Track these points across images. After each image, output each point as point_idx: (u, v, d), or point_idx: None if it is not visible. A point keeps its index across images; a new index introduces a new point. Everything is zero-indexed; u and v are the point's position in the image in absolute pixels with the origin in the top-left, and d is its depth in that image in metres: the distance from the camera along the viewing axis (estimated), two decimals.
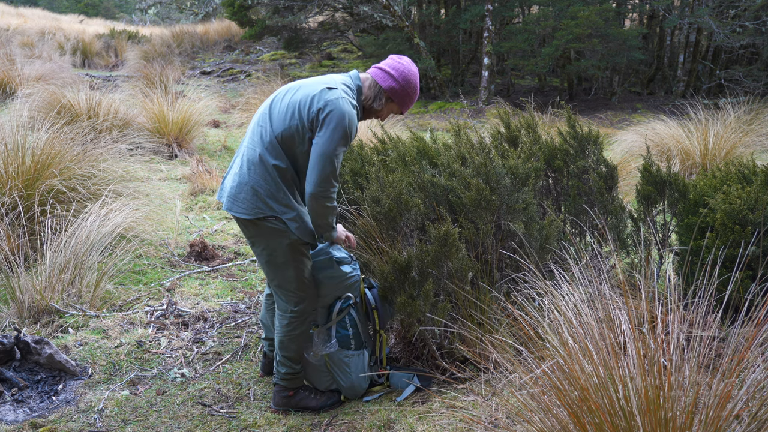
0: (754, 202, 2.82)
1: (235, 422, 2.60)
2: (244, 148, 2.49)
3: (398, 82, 2.53)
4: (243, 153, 2.48)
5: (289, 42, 14.34)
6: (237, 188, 2.43)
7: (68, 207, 4.04)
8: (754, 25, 10.03)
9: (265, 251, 2.51)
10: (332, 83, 2.42)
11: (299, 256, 2.52)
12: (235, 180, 2.45)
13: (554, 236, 2.92)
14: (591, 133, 3.55)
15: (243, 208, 2.41)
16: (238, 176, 2.44)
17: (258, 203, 2.39)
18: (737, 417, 1.69)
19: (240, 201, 2.41)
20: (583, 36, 9.95)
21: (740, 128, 6.83)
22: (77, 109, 6.69)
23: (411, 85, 2.55)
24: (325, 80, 2.45)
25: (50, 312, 3.32)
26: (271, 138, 2.39)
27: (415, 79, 2.57)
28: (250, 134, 2.50)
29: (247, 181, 2.41)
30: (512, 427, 2.18)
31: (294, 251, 2.49)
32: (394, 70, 2.53)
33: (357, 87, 2.52)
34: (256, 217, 2.41)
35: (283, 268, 2.52)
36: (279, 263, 2.51)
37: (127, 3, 38.17)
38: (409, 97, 2.58)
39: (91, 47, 16.47)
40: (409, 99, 2.59)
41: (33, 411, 2.62)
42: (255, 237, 2.50)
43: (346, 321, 2.72)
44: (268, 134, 2.40)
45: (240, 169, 2.45)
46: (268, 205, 2.39)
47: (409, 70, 2.55)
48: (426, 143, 3.57)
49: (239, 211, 2.42)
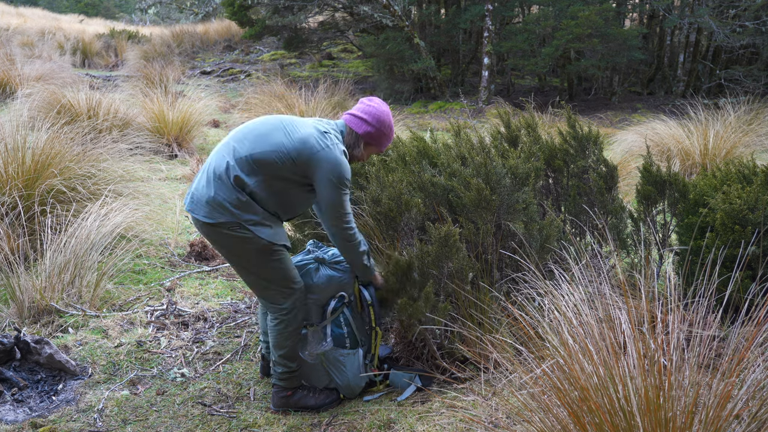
0: (754, 202, 2.82)
1: (235, 422, 2.60)
2: (215, 154, 2.50)
3: (372, 126, 2.62)
4: (212, 159, 2.50)
5: (289, 42, 14.34)
6: (201, 191, 2.45)
7: (68, 207, 4.04)
8: (754, 25, 10.03)
9: (232, 257, 2.52)
10: (324, 127, 2.54)
11: (273, 256, 2.50)
12: (201, 183, 2.47)
13: (554, 236, 2.92)
14: (591, 133, 3.55)
15: (204, 212, 2.42)
16: (204, 180, 2.46)
17: (218, 209, 2.40)
18: (737, 417, 1.69)
19: (202, 204, 2.43)
20: (583, 36, 9.95)
21: (740, 128, 6.83)
22: (77, 109, 6.69)
23: (385, 125, 2.66)
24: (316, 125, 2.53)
25: (50, 312, 3.32)
26: (247, 154, 2.42)
27: (387, 119, 2.66)
28: (224, 143, 2.52)
29: (211, 187, 2.42)
30: (512, 426, 2.18)
31: (266, 254, 2.48)
32: (366, 115, 2.62)
33: (341, 133, 2.62)
34: (215, 221, 2.41)
35: (257, 271, 2.53)
36: (250, 267, 2.52)
37: (127, 3, 38.17)
38: (385, 137, 2.69)
39: (91, 47, 16.47)
40: (386, 138, 2.70)
41: (33, 411, 2.62)
42: (216, 242, 2.51)
43: (340, 320, 2.73)
44: (244, 151, 2.43)
45: (207, 174, 2.47)
46: (229, 212, 2.40)
47: (380, 110, 2.64)
48: (426, 143, 3.57)
49: (200, 215, 2.43)
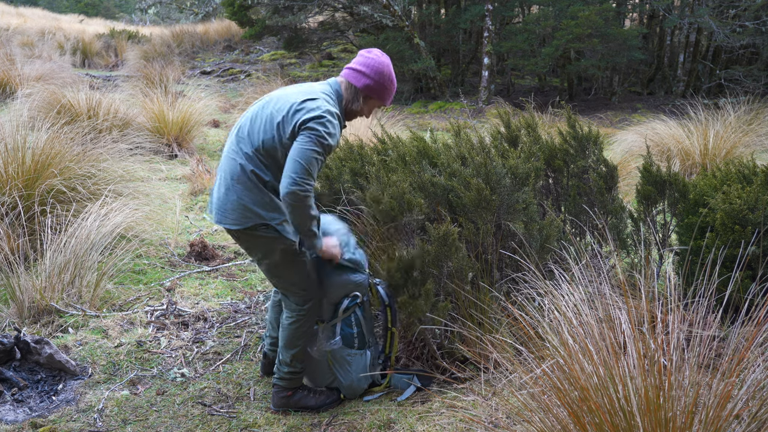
0: (754, 202, 2.82)
1: (235, 422, 2.60)
2: (225, 160, 2.49)
3: (371, 78, 2.50)
4: (224, 166, 2.48)
5: (289, 42, 14.33)
6: (223, 199, 2.43)
7: (68, 207, 4.04)
8: (754, 25, 10.03)
9: (263, 259, 2.52)
10: (313, 93, 2.42)
11: (297, 257, 2.53)
12: (221, 192, 2.45)
13: (554, 236, 2.92)
14: (591, 132, 3.55)
15: (232, 219, 2.41)
16: (224, 188, 2.44)
17: (246, 212, 2.39)
18: (737, 417, 1.69)
19: (228, 212, 2.41)
20: (583, 36, 9.94)
21: (740, 128, 6.83)
22: (77, 109, 6.69)
23: (385, 76, 2.51)
24: (305, 90, 2.45)
25: (50, 312, 3.32)
26: (252, 148, 2.40)
27: (387, 69, 2.52)
28: (229, 145, 2.50)
29: (232, 193, 2.41)
30: (512, 426, 2.18)
31: (290, 254, 2.49)
32: (364, 67, 2.50)
33: (336, 93, 2.51)
34: (245, 226, 2.41)
35: (285, 273, 2.53)
36: (279, 269, 2.52)
37: (127, 3, 38.16)
38: (386, 89, 2.54)
39: (91, 47, 16.47)
40: (387, 91, 2.55)
41: (33, 411, 2.62)
42: (249, 247, 2.52)
43: (351, 320, 2.72)
44: (248, 145, 2.41)
45: (224, 181, 2.45)
46: (256, 213, 2.39)
47: (379, 62, 2.51)
48: (426, 143, 3.57)
49: (229, 223, 2.42)
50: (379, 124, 4.80)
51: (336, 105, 2.47)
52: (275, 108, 2.41)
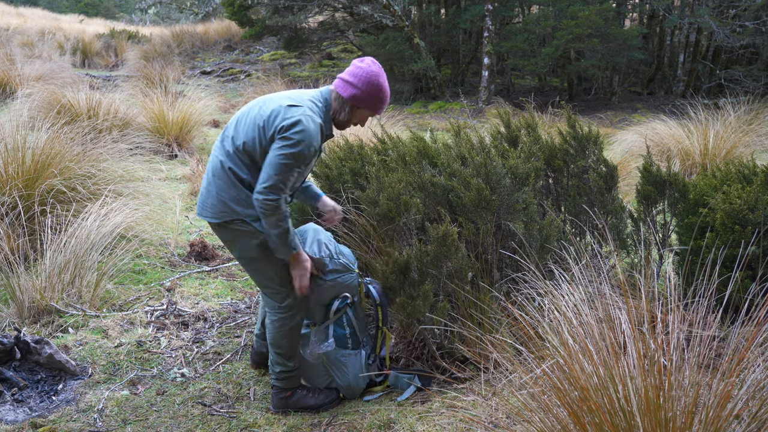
0: (754, 202, 2.82)
1: (235, 422, 2.60)
2: (211, 156, 2.59)
3: (358, 88, 2.46)
4: (209, 162, 2.59)
5: (289, 42, 14.34)
6: (205, 194, 2.54)
7: (68, 207, 4.04)
8: (754, 25, 10.03)
9: (241, 254, 2.57)
10: (298, 100, 2.43)
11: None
12: (203, 187, 2.57)
13: (554, 236, 2.92)
14: (591, 132, 3.55)
15: (211, 212, 2.51)
16: (206, 183, 2.56)
17: (223, 207, 2.48)
18: (737, 417, 1.69)
19: (208, 206, 2.52)
20: (583, 36, 9.95)
21: (740, 128, 6.83)
22: (77, 109, 6.69)
23: (374, 86, 2.47)
24: (292, 96, 2.47)
25: (50, 312, 3.32)
26: (234, 147, 2.47)
27: (376, 80, 2.47)
28: (216, 143, 2.59)
29: (212, 187, 2.51)
30: (512, 427, 2.18)
31: (267, 249, 2.52)
32: (353, 77, 2.48)
33: (325, 102, 2.51)
34: (223, 220, 2.49)
35: (261, 267, 2.57)
36: (255, 263, 2.57)
37: (127, 3, 38.16)
38: (376, 99, 2.50)
39: (91, 47, 16.47)
40: (378, 100, 2.51)
41: (33, 411, 2.62)
42: (227, 240, 2.58)
43: (343, 320, 2.73)
44: (231, 144, 2.48)
45: (207, 176, 2.56)
46: (231, 209, 2.47)
47: (368, 71, 2.47)
48: (426, 143, 3.57)
49: (208, 216, 2.52)
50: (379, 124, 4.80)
51: (321, 114, 2.47)
52: (260, 111, 2.45)
